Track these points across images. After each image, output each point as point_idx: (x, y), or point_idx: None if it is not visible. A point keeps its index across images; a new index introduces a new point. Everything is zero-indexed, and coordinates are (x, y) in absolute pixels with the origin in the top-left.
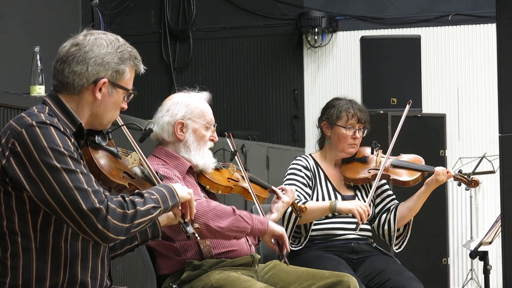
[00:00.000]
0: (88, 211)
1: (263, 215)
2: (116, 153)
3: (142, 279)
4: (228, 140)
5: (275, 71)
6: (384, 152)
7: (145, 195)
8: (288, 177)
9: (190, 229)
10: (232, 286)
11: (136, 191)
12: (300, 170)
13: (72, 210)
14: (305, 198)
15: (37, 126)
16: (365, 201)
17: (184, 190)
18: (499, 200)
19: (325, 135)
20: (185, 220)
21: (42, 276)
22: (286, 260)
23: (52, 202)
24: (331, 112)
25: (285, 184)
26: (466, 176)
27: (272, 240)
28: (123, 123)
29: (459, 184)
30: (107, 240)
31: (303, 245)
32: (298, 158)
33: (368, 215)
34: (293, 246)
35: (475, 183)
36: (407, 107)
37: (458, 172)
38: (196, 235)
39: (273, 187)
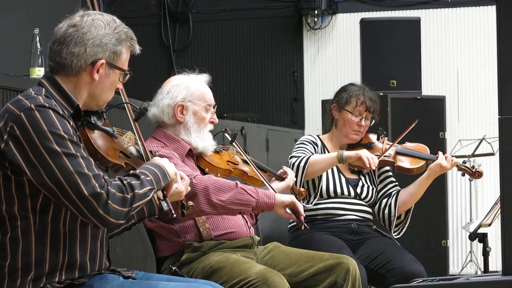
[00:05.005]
0: (89, 196)
1: (272, 190)
2: (112, 133)
3: (142, 261)
4: (226, 135)
5: (274, 53)
6: (390, 140)
7: (141, 177)
8: (297, 146)
9: (166, 205)
10: (231, 267)
11: (131, 171)
12: (309, 143)
13: (72, 194)
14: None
15: (36, 109)
16: (369, 186)
17: (172, 169)
18: (499, 182)
19: (333, 118)
20: (164, 195)
21: (42, 258)
22: (306, 225)
23: (53, 186)
24: (342, 96)
25: (295, 151)
26: (470, 167)
27: (288, 210)
28: (127, 101)
29: (463, 174)
30: (107, 224)
31: (313, 203)
32: (307, 135)
33: (376, 167)
34: (303, 204)
35: (479, 174)
36: (414, 124)
37: (463, 163)
38: (173, 212)
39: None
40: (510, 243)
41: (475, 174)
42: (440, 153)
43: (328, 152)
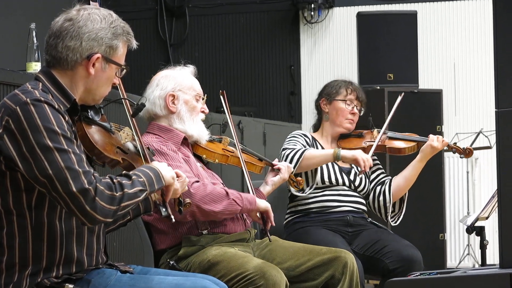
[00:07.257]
0: (77, 192)
1: (252, 188)
2: (109, 128)
3: (140, 255)
4: (221, 97)
5: (271, 47)
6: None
7: (133, 177)
8: (288, 140)
9: (164, 211)
10: (229, 262)
11: (124, 172)
12: (300, 136)
13: (61, 190)
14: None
15: (31, 103)
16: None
17: (169, 173)
18: (496, 175)
19: (322, 113)
20: (163, 200)
21: (39, 254)
22: (269, 236)
23: (43, 180)
24: (330, 90)
25: (287, 143)
26: (460, 146)
27: (258, 214)
28: (125, 96)
29: (454, 152)
30: (94, 221)
31: (307, 193)
32: (297, 130)
33: (370, 167)
34: (299, 193)
35: (470, 152)
36: (399, 98)
37: (453, 144)
38: (172, 217)
39: (270, 161)
40: (507, 236)
41: (466, 152)
42: (431, 135)
43: (320, 145)
